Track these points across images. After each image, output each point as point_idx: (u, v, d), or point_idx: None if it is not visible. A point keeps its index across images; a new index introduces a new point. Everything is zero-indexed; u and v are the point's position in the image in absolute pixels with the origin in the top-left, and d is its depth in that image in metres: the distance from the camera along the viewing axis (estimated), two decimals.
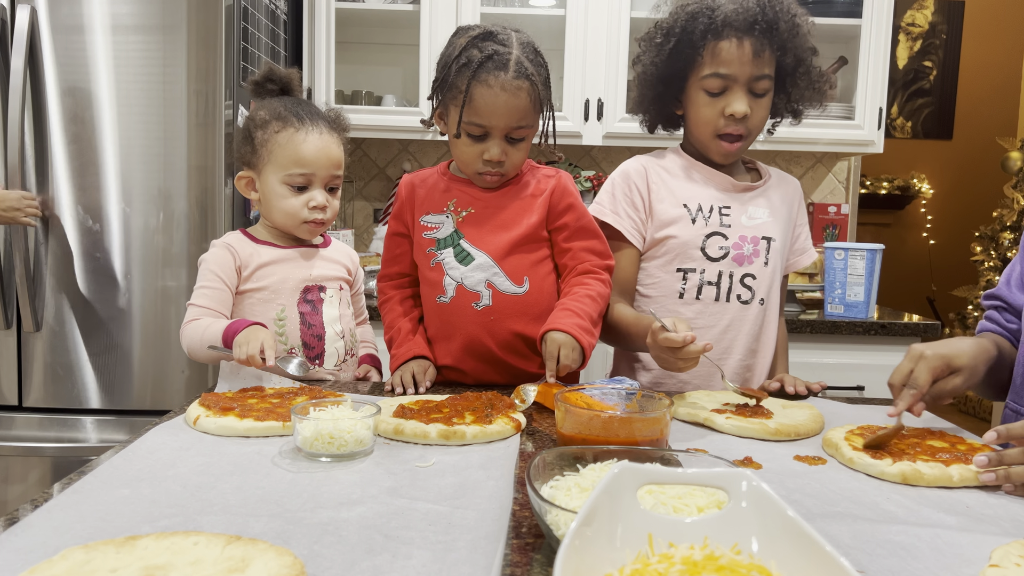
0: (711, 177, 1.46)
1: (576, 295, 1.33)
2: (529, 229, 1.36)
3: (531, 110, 1.30)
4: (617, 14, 2.60)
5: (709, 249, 1.42)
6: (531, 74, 1.28)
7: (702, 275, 1.42)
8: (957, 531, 0.75)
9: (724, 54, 1.33)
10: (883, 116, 2.65)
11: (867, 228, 4.97)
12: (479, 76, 1.26)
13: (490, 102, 1.26)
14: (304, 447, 0.93)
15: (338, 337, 1.43)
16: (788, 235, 1.50)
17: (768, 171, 1.52)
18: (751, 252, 1.43)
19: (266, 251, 1.41)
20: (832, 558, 0.50)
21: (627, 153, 3.03)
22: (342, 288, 1.47)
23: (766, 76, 1.35)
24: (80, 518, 0.72)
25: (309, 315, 1.40)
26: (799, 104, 1.45)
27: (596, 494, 0.56)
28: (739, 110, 1.34)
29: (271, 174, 1.38)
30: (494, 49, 1.27)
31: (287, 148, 1.36)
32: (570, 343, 1.25)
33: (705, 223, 1.42)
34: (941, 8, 5.35)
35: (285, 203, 1.38)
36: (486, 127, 1.29)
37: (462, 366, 1.39)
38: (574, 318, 1.28)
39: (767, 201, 1.46)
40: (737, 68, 1.33)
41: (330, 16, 2.59)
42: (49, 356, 2.04)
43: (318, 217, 1.39)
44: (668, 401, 0.98)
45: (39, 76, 1.99)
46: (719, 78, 1.34)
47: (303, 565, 0.61)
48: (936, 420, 1.18)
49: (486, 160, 1.32)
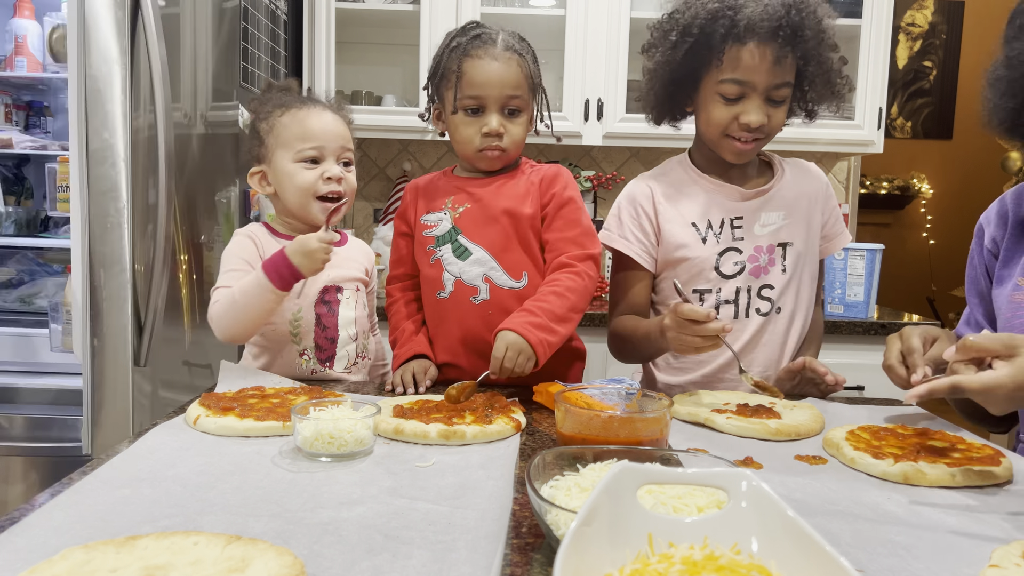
0: (719, 189, 1.40)
1: (540, 294, 1.31)
2: (524, 223, 1.36)
3: (523, 82, 1.34)
4: (617, 14, 2.60)
5: (724, 267, 1.37)
6: (519, 50, 1.34)
7: (718, 295, 1.37)
8: (958, 531, 0.75)
9: (744, 61, 1.26)
10: (883, 116, 2.65)
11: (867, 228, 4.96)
12: (468, 52, 1.32)
13: (482, 72, 1.31)
14: (304, 447, 0.93)
15: (351, 340, 1.40)
16: (812, 227, 1.42)
17: (782, 165, 1.44)
18: (767, 262, 1.38)
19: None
20: (832, 558, 0.50)
21: (627, 153, 3.04)
22: (359, 289, 1.44)
23: (786, 84, 1.29)
24: (80, 518, 0.72)
25: (325, 317, 1.38)
26: (815, 104, 1.38)
27: (596, 494, 0.56)
28: (754, 120, 1.28)
29: (281, 157, 1.36)
30: (480, 31, 1.35)
31: (292, 127, 1.35)
32: (518, 345, 1.22)
33: (717, 240, 1.37)
34: (941, 8, 5.35)
35: (299, 178, 1.35)
36: (481, 97, 1.32)
37: (460, 361, 1.39)
38: (529, 317, 1.25)
39: (781, 201, 1.40)
40: (757, 76, 1.26)
41: (330, 16, 2.59)
42: None
43: (334, 189, 1.35)
44: (668, 401, 0.98)
45: None
46: (737, 84, 1.27)
47: (303, 565, 0.61)
48: (936, 420, 1.18)
49: (485, 134, 1.33)
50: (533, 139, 1.46)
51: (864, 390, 2.28)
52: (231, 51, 2.04)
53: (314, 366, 1.37)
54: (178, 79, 1.99)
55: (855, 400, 1.33)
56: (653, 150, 2.94)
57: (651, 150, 2.95)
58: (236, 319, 1.29)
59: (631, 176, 1.57)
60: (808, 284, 1.43)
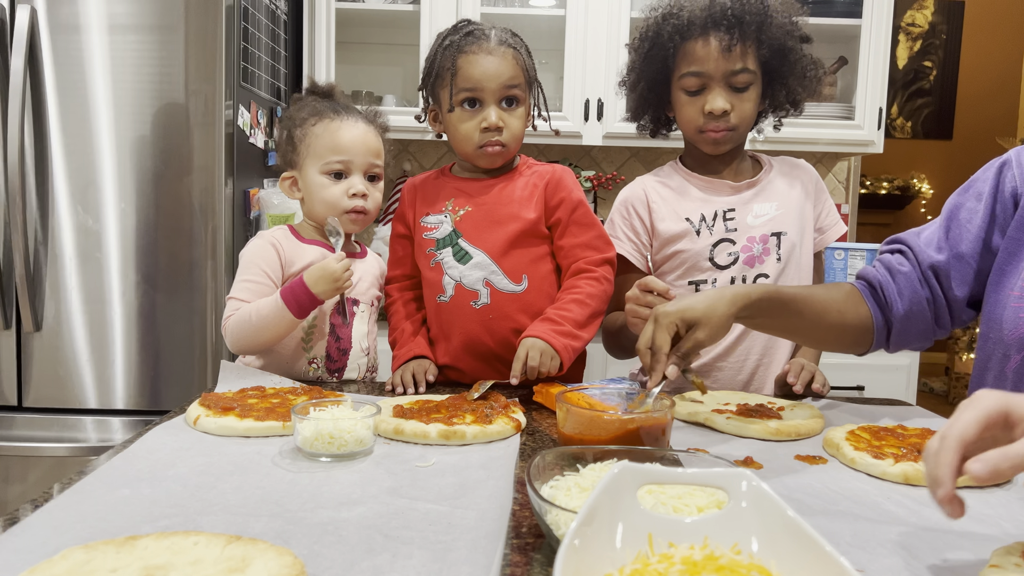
0: (710, 185, 1.45)
1: (561, 301, 1.33)
2: (526, 225, 1.36)
3: (519, 74, 1.34)
4: (617, 14, 2.60)
5: (718, 258, 1.41)
6: (513, 43, 1.35)
7: (714, 285, 1.40)
8: (958, 531, 0.75)
9: (694, 53, 1.34)
10: (883, 116, 2.65)
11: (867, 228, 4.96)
12: (463, 49, 1.33)
13: (477, 66, 1.32)
14: (304, 447, 0.93)
15: (363, 354, 1.41)
16: (805, 218, 1.46)
17: (770, 161, 1.49)
18: (761, 251, 1.41)
19: (312, 251, 1.38)
20: (832, 558, 0.50)
21: (627, 153, 3.04)
22: (373, 304, 1.45)
23: (744, 70, 1.34)
24: (80, 518, 0.72)
25: (339, 328, 1.38)
26: (793, 95, 1.43)
27: (596, 494, 0.56)
28: (717, 106, 1.34)
29: (310, 167, 1.37)
30: (472, 28, 1.35)
31: (323, 138, 1.36)
32: (541, 346, 1.24)
33: (710, 232, 1.41)
34: (941, 8, 5.35)
35: (325, 192, 1.36)
36: (478, 91, 1.33)
37: (461, 365, 1.39)
38: (552, 325, 1.28)
39: (773, 192, 1.44)
40: (710, 65, 1.34)
41: (330, 16, 2.59)
42: (49, 356, 2.04)
43: (359, 204, 1.36)
44: (669, 401, 0.98)
45: (39, 76, 1.98)
46: (694, 77, 1.35)
47: (303, 565, 0.61)
48: (936, 419, 1.18)
49: (484, 128, 1.33)
50: (533, 139, 1.46)
51: (864, 390, 2.28)
52: (231, 51, 2.04)
53: (322, 375, 1.37)
54: (178, 79, 1.99)
55: (855, 400, 1.33)
56: (653, 150, 2.94)
57: (651, 150, 2.95)
58: (250, 338, 1.30)
59: (631, 176, 1.59)
60: (803, 274, 1.46)
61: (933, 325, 1.18)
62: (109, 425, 2.06)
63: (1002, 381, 1.11)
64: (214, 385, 1.25)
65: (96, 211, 2.01)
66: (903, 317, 1.17)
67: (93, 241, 2.02)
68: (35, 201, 2.01)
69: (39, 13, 1.97)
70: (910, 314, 1.17)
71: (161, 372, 2.05)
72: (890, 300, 1.18)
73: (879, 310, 1.18)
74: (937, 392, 5.24)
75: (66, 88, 1.99)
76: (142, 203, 2.02)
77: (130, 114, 2.00)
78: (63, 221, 2.02)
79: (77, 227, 2.02)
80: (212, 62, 2.00)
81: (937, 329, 1.19)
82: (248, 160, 2.20)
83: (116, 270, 2.02)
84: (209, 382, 2.03)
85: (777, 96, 1.43)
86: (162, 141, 2.00)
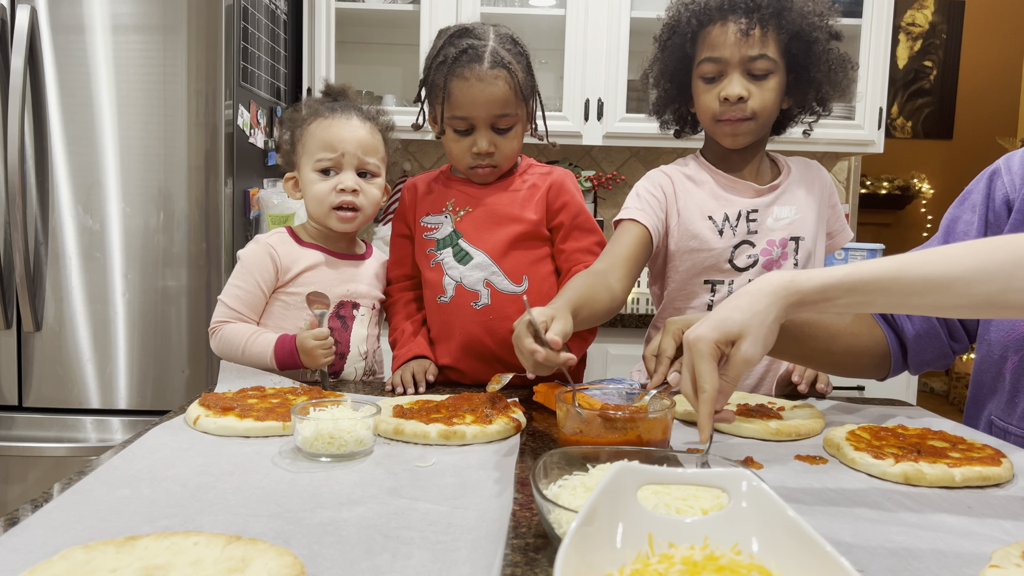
0: (733, 185, 1.41)
1: None
2: (527, 227, 1.36)
3: (512, 98, 1.31)
4: (617, 14, 2.60)
5: (737, 260, 1.38)
6: (508, 63, 1.30)
7: (730, 287, 1.38)
8: (958, 531, 0.75)
9: (712, 38, 1.31)
10: (883, 116, 2.65)
11: (867, 228, 4.97)
12: (454, 71, 1.29)
13: (468, 94, 1.29)
14: (304, 447, 0.93)
15: (360, 358, 1.40)
16: (819, 223, 1.44)
17: (787, 163, 1.46)
18: (779, 255, 1.39)
19: (310, 255, 1.38)
20: (832, 558, 0.50)
21: (627, 153, 3.04)
22: (374, 307, 1.44)
23: (763, 56, 1.30)
24: (80, 518, 0.72)
25: (338, 332, 1.37)
26: (820, 92, 1.38)
27: (596, 494, 0.56)
28: (733, 92, 1.30)
29: (305, 165, 1.37)
30: (469, 43, 1.30)
31: (316, 135, 1.36)
32: None
33: (733, 234, 1.38)
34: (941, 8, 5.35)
35: (315, 189, 1.36)
36: (468, 119, 1.31)
37: (461, 366, 1.39)
38: None
39: (792, 197, 1.41)
40: (728, 51, 1.30)
41: (330, 16, 2.59)
42: (49, 356, 2.04)
43: (346, 199, 1.35)
44: (670, 401, 0.98)
45: (39, 76, 1.99)
46: (712, 63, 1.32)
47: (303, 565, 0.61)
48: (936, 419, 1.18)
49: (475, 153, 1.33)
50: (533, 139, 1.46)
51: (864, 390, 2.28)
52: (231, 51, 2.04)
53: (319, 378, 1.37)
54: (178, 79, 1.99)
55: (855, 400, 1.33)
56: (653, 150, 2.94)
57: (651, 150, 2.95)
58: (233, 359, 1.32)
59: (631, 176, 1.58)
60: None
61: (948, 341, 1.18)
62: (109, 425, 2.06)
63: (1001, 381, 1.11)
64: (214, 385, 1.25)
65: (97, 211, 2.02)
66: (915, 337, 1.17)
67: (93, 241, 2.02)
68: (35, 201, 2.01)
69: (40, 13, 1.97)
70: (922, 333, 1.17)
71: (161, 372, 2.05)
72: (899, 320, 1.19)
73: (891, 331, 1.19)
74: (937, 392, 5.24)
75: (67, 88, 1.99)
76: (142, 203, 2.02)
77: (130, 114, 2.00)
78: (64, 221, 2.02)
79: (78, 227, 2.02)
80: (212, 62, 2.00)
81: (954, 344, 1.19)
82: (248, 160, 2.20)
83: (116, 270, 2.03)
84: (209, 382, 2.03)
85: (804, 93, 1.38)
86: (162, 141, 2.00)
